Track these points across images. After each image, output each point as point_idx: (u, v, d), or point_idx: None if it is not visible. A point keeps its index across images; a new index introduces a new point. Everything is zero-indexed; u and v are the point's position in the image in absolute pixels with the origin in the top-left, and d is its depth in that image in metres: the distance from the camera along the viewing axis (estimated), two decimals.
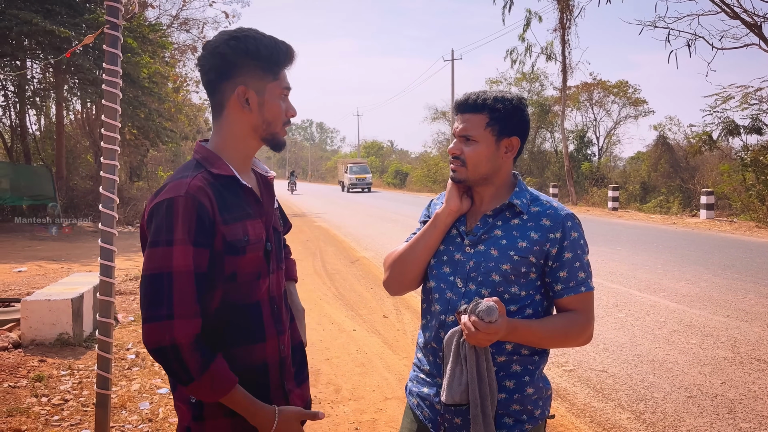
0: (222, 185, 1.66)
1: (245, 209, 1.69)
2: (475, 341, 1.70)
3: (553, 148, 36.02)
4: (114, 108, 2.82)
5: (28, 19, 14.42)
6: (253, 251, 1.68)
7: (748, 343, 5.81)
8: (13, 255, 11.64)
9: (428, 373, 1.95)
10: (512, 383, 1.85)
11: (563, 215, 1.88)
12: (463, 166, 1.90)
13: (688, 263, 10.21)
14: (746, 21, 15.91)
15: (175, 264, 1.54)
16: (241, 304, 1.68)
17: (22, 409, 4.22)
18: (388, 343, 6.04)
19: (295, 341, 1.90)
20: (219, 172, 1.67)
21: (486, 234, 1.89)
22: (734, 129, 19.41)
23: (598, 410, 4.40)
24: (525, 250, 1.84)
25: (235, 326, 1.68)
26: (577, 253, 1.87)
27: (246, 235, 1.66)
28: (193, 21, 25.18)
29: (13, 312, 6.27)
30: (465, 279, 1.87)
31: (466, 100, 1.92)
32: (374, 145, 71.39)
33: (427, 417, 1.92)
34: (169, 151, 28.24)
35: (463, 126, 1.91)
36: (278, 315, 1.79)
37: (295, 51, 1.75)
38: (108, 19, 2.81)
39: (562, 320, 1.86)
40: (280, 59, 1.71)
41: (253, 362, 1.69)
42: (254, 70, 1.68)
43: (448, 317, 1.87)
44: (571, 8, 26.67)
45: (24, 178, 17.94)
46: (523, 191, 1.94)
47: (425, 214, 2.11)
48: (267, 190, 1.84)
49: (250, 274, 1.68)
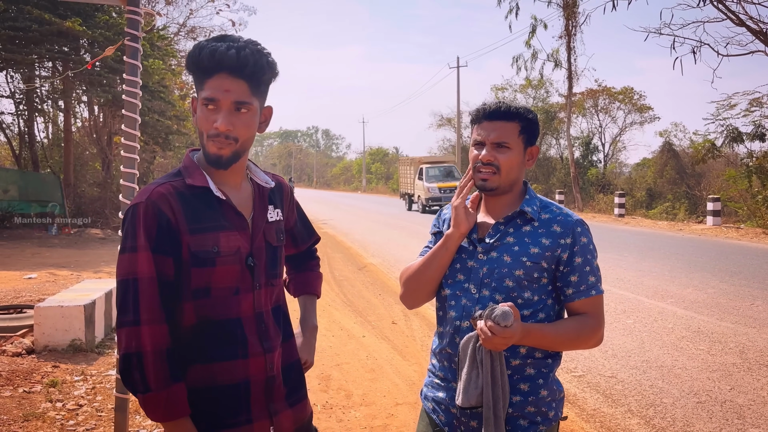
0: (194, 195, 1.64)
1: (218, 221, 1.65)
2: (491, 346, 1.74)
3: (558, 154, 36.07)
4: (134, 117, 2.89)
5: (41, 17, 14.55)
6: (225, 264, 1.64)
7: (757, 350, 5.82)
8: (22, 262, 11.73)
9: (443, 378, 1.99)
10: (527, 386, 1.89)
11: (573, 221, 1.93)
12: (497, 174, 1.92)
13: (695, 270, 10.22)
14: (751, 28, 15.95)
15: (140, 270, 1.55)
16: (218, 319, 1.65)
17: (38, 413, 4.27)
18: (397, 349, 6.07)
19: (290, 359, 1.84)
20: (193, 182, 1.65)
21: (498, 241, 1.93)
22: (737, 136, 19.42)
23: (608, 415, 4.43)
24: (537, 256, 1.89)
25: (213, 342, 1.65)
26: (587, 258, 1.91)
27: (216, 247, 1.62)
28: (200, 29, 25.31)
29: (26, 318, 6.34)
30: (479, 285, 1.91)
31: (498, 108, 1.94)
32: (380, 151, 71.49)
33: (443, 421, 1.97)
34: (175, 158, 28.33)
35: (497, 133, 1.92)
36: (265, 332, 1.73)
37: (219, 56, 1.58)
38: (128, 31, 2.87)
39: (573, 323, 1.91)
40: (199, 66, 1.61)
41: (233, 379, 1.66)
42: (195, 79, 1.66)
43: (463, 323, 1.91)
44: (576, 15, 26.79)
45: (32, 185, 18.09)
46: (533, 198, 1.99)
47: (435, 225, 2.14)
48: (261, 201, 1.77)
49: (226, 288, 1.65)
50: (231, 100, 1.60)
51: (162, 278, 1.57)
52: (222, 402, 1.65)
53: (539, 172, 34.49)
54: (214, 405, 1.65)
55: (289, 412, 1.79)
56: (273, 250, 1.78)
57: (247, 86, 1.62)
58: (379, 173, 64.65)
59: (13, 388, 4.76)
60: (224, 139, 1.62)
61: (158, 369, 1.54)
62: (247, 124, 1.65)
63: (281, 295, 1.85)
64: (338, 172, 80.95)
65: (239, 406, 1.67)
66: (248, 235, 1.71)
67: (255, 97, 1.66)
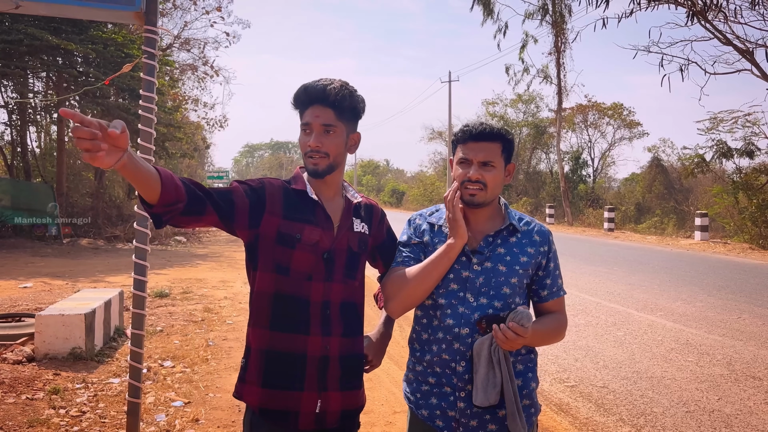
0: (295, 194, 2.07)
1: (308, 216, 2.03)
2: (508, 346, 1.92)
3: (548, 168, 36.37)
4: (149, 132, 3.00)
5: (36, 35, 14.66)
6: (303, 251, 2.00)
7: (743, 361, 5.98)
8: (16, 271, 11.73)
9: (435, 384, 2.09)
10: (520, 381, 2.08)
11: (546, 231, 2.21)
12: (484, 190, 2.09)
13: (683, 284, 10.40)
14: (738, 47, 16.27)
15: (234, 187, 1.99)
16: (290, 295, 2.00)
17: (42, 420, 4.34)
18: (393, 359, 6.18)
19: (352, 351, 2.12)
20: (296, 187, 2.09)
21: (490, 252, 2.10)
22: (727, 152, 19.72)
23: (600, 424, 4.55)
24: (526, 264, 2.11)
25: (281, 314, 2.00)
26: (557, 263, 2.20)
27: (299, 234, 2.00)
28: (194, 41, 25.45)
29: (25, 327, 6.39)
30: (476, 294, 2.06)
31: (483, 129, 2.12)
32: (371, 164, 71.66)
33: (441, 426, 2.07)
34: (168, 166, 28.44)
35: (484, 153, 2.10)
36: (328, 319, 2.03)
37: (311, 91, 2.05)
38: (145, 49, 3.00)
39: (553, 320, 2.16)
40: (298, 100, 2.08)
41: (292, 349, 1.99)
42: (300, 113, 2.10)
43: (462, 330, 2.04)
44: (565, 32, 27.17)
45: (25, 194, 18.03)
46: (511, 212, 2.20)
47: (410, 234, 2.23)
48: (348, 212, 2.13)
49: (302, 273, 2.00)
50: (320, 123, 2.02)
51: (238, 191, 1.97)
52: (280, 366, 1.99)
53: (529, 186, 34.78)
54: (273, 367, 1.99)
55: (339, 394, 2.06)
56: (353, 255, 2.11)
57: (333, 113, 2.03)
58: (370, 185, 64.78)
59: (16, 395, 4.82)
60: (316, 154, 2.03)
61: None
62: (335, 142, 2.05)
63: (357, 296, 2.15)
64: None
65: (293, 374, 1.98)
66: (331, 235, 2.06)
67: (340, 121, 2.05)
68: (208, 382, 5.30)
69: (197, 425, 4.39)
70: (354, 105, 2.08)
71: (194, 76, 26.89)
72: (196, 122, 29.70)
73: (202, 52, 25.89)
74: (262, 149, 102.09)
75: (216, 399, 4.89)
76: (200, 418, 4.51)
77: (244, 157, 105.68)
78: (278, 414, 1.99)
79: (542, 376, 5.60)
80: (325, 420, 2.03)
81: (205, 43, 26.16)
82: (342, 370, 2.06)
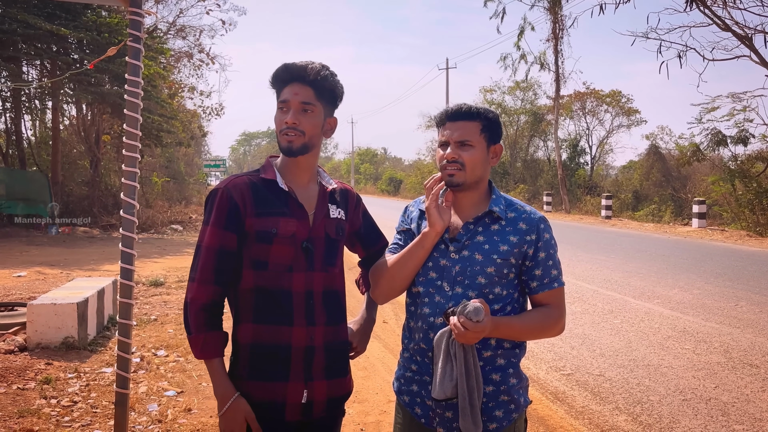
0: (265, 186, 2.02)
1: (280, 208, 1.99)
2: (464, 340, 1.84)
3: (546, 156, 36.25)
4: (135, 117, 2.93)
5: (29, 21, 14.50)
6: (281, 244, 1.96)
7: (741, 349, 5.95)
8: (11, 260, 11.67)
9: (416, 371, 2.08)
10: (498, 376, 2.01)
11: (537, 218, 2.06)
12: (462, 170, 2.02)
13: (681, 271, 10.37)
14: (737, 33, 16.15)
15: (206, 240, 1.97)
16: (272, 289, 1.98)
17: (33, 410, 4.30)
18: (389, 348, 6.14)
19: (336, 339, 2.10)
20: (265, 176, 2.03)
21: (469, 240, 2.03)
22: (722, 139, 19.63)
23: (596, 412, 4.52)
24: (506, 253, 2.00)
25: (264, 307, 1.98)
26: (550, 253, 2.05)
27: (275, 228, 1.96)
28: (189, 28, 25.21)
29: (18, 316, 6.34)
30: (452, 283, 2.00)
31: (459, 109, 2.06)
32: (368, 152, 71.50)
33: (419, 413, 2.06)
34: (163, 157, 28.27)
35: (459, 132, 2.03)
36: (312, 308, 2.01)
37: (292, 69, 2.02)
38: (130, 32, 2.91)
39: (537, 315, 2.04)
40: (277, 78, 2.05)
41: (279, 341, 1.97)
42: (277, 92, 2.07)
43: (436, 319, 2.00)
44: (562, 19, 27.00)
45: (20, 183, 17.93)
46: (499, 198, 2.10)
47: (403, 222, 2.22)
48: (323, 199, 2.09)
49: (281, 265, 1.97)
50: (298, 101, 1.99)
51: (225, 249, 1.97)
52: (265, 358, 1.98)
53: (527, 174, 34.69)
54: (258, 360, 1.98)
55: (325, 383, 2.04)
56: (331, 242, 2.07)
57: (312, 92, 2.00)
58: (368, 174, 64.68)
59: (7, 385, 4.77)
60: (292, 131, 1.98)
61: (196, 318, 1.95)
62: (312, 122, 2.01)
63: (338, 283, 2.12)
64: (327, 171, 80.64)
65: (279, 365, 1.97)
66: (307, 224, 2.02)
67: (319, 102, 2.02)
68: (201, 371, 5.25)
69: (189, 415, 4.35)
70: (333, 87, 2.06)
71: (190, 63, 26.71)
72: (192, 110, 29.53)
73: (198, 40, 25.68)
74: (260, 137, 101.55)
75: (209, 388, 4.84)
76: (193, 407, 4.47)
77: (241, 145, 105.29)
78: (265, 405, 1.98)
79: (538, 365, 5.57)
80: (311, 410, 2.01)
81: (201, 31, 25.99)
82: (327, 359, 2.04)
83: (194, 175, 34.82)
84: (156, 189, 25.39)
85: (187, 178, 33.08)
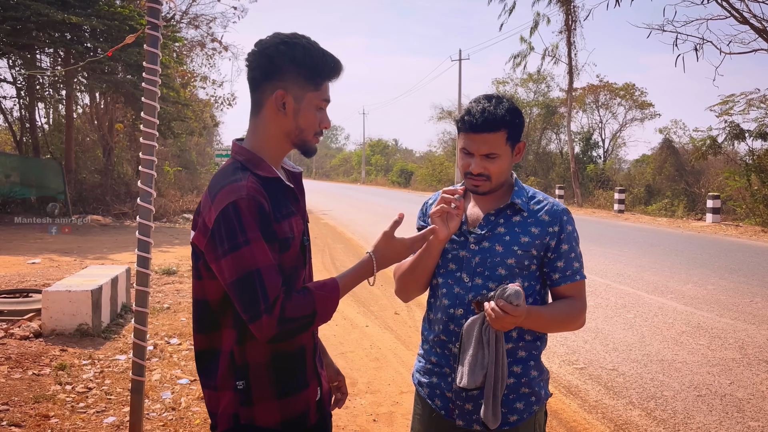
0: (271, 186, 1.73)
1: (289, 207, 1.77)
2: (499, 326, 1.81)
3: (558, 149, 36.08)
4: (153, 105, 2.93)
5: (43, 10, 14.55)
6: (295, 246, 1.76)
7: (756, 345, 5.90)
8: (25, 247, 11.76)
9: (436, 363, 2.07)
10: (519, 368, 2.00)
11: (560, 210, 2.03)
12: (488, 181, 1.99)
13: (694, 266, 10.29)
14: (755, 26, 15.97)
15: (260, 260, 1.61)
16: None
17: (48, 396, 4.33)
18: (401, 339, 6.14)
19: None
20: (264, 174, 1.73)
21: (489, 232, 2.01)
22: (740, 133, 19.44)
23: (609, 407, 4.50)
24: (527, 245, 1.98)
25: None
26: (572, 245, 2.02)
27: (292, 232, 1.74)
28: (202, 17, 25.21)
29: (33, 302, 6.39)
30: (471, 274, 1.99)
31: (484, 120, 1.93)
32: (379, 143, 71.39)
33: (439, 405, 2.05)
34: (175, 146, 28.33)
35: (487, 146, 1.95)
36: None
37: (343, 66, 1.79)
38: (149, 19, 2.91)
39: (563, 306, 2.02)
40: (324, 71, 1.75)
41: (295, 345, 1.79)
42: (297, 77, 1.72)
43: (456, 310, 1.99)
44: (575, 10, 26.77)
45: (33, 171, 18.05)
46: (521, 189, 2.07)
47: (421, 218, 2.21)
48: (298, 186, 1.89)
49: (291, 268, 1.76)
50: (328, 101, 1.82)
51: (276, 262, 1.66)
52: (288, 370, 1.77)
53: (539, 166, 34.53)
54: (283, 374, 1.76)
55: (323, 372, 1.96)
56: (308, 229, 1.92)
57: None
58: (378, 165, 64.61)
59: (23, 370, 4.81)
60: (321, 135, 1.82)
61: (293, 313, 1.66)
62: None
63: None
64: (337, 163, 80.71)
65: (299, 371, 1.80)
66: (305, 218, 1.86)
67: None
68: None
69: (203, 403, 4.36)
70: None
71: (203, 53, 26.72)
72: (205, 100, 29.58)
73: (210, 29, 25.66)
74: None
75: None
76: None
77: None
78: (295, 420, 1.79)
79: (551, 358, 5.54)
80: (323, 406, 1.92)
81: (212, 19, 25.94)
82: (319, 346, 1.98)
83: (206, 165, 34.93)
84: (168, 178, 25.48)
85: (199, 168, 33.21)
